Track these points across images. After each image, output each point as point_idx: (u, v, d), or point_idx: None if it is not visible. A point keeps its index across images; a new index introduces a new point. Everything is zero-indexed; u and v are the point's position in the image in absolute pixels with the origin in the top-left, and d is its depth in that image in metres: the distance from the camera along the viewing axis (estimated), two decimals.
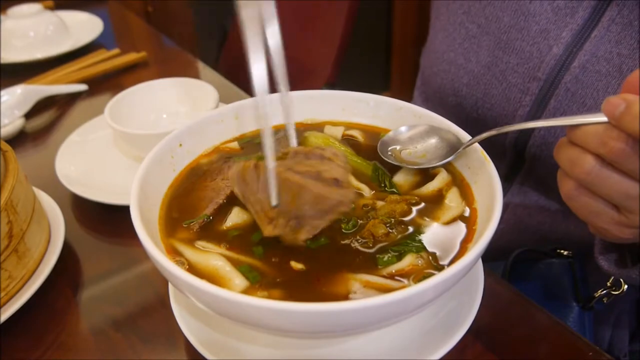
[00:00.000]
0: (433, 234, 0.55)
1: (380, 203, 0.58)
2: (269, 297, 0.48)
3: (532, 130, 0.75)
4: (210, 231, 0.57)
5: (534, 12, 0.73)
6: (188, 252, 0.54)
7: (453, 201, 0.59)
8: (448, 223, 0.56)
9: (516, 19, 0.75)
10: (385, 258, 0.52)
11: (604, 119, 0.45)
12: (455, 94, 0.83)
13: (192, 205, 0.60)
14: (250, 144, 0.69)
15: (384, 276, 0.50)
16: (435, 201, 0.59)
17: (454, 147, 0.59)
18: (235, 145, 0.69)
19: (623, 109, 0.43)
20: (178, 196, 0.62)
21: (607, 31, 0.68)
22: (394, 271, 0.51)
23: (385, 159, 0.61)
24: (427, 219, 0.57)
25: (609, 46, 0.68)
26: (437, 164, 0.59)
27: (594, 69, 0.69)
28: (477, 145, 0.58)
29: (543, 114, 0.74)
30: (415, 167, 0.61)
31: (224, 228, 0.57)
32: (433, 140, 0.62)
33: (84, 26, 1.49)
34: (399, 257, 0.52)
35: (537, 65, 0.73)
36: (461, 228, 0.56)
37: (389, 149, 0.63)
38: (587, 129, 0.46)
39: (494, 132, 0.55)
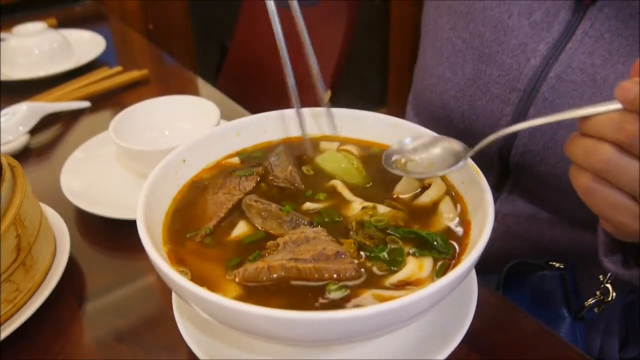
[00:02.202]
0: (428, 243, 0.57)
1: (381, 209, 0.61)
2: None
3: (514, 139, 0.79)
4: (213, 242, 0.59)
5: (513, 27, 0.77)
6: (191, 262, 0.56)
7: (446, 210, 0.61)
8: (442, 231, 0.59)
9: (497, 34, 0.79)
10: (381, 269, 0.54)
11: (617, 106, 0.44)
12: (443, 107, 0.87)
13: (195, 218, 0.62)
14: (250, 158, 0.72)
15: (385, 287, 0.53)
16: (430, 211, 0.62)
17: (458, 155, 0.60)
18: (236, 160, 0.72)
19: (637, 91, 0.42)
20: (181, 209, 0.64)
21: (580, 44, 0.72)
22: (395, 282, 0.53)
23: (391, 170, 0.62)
24: (422, 228, 0.59)
25: (583, 57, 0.71)
26: (444, 171, 0.60)
27: (569, 79, 0.72)
28: (468, 159, 0.61)
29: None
30: (421, 176, 0.62)
31: (230, 239, 0.59)
32: (437, 151, 0.62)
33: (87, 44, 1.52)
34: (395, 265, 0.55)
35: (517, 76, 0.77)
36: (455, 239, 0.58)
37: (393, 159, 0.64)
38: (600, 118, 0.45)
39: (494, 136, 0.55)
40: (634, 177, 0.45)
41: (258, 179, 0.68)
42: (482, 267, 0.68)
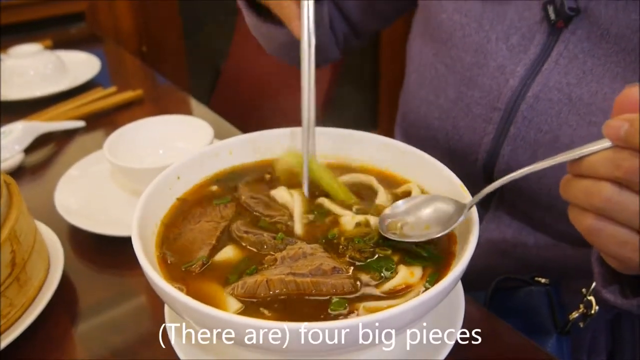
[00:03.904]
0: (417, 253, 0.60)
1: (372, 220, 0.63)
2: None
3: (497, 156, 0.81)
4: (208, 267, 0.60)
5: (492, 51, 0.81)
6: (187, 280, 0.57)
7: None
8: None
9: (477, 58, 0.82)
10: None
11: (608, 144, 0.45)
12: (428, 128, 0.90)
13: (185, 249, 0.62)
14: (226, 180, 0.73)
15: (379, 296, 0.54)
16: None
17: (455, 209, 0.60)
18: (214, 187, 0.72)
19: (627, 127, 0.43)
20: (170, 241, 0.63)
21: (556, 64, 0.75)
22: (388, 289, 0.55)
23: (387, 236, 0.61)
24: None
25: (559, 77, 0.75)
26: (445, 231, 0.59)
27: (547, 98, 0.76)
28: (456, 179, 0.63)
29: (505, 140, 0.80)
30: (420, 239, 0.60)
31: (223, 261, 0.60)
32: (431, 210, 0.62)
33: (82, 65, 1.54)
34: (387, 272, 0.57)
35: (497, 96, 0.80)
36: (442, 252, 0.60)
37: (388, 223, 0.63)
38: (594, 157, 0.46)
39: (492, 188, 0.56)
40: (635, 211, 0.45)
41: (235, 205, 0.68)
42: (470, 283, 0.70)
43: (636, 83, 0.45)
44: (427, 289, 0.54)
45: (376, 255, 0.59)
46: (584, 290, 0.72)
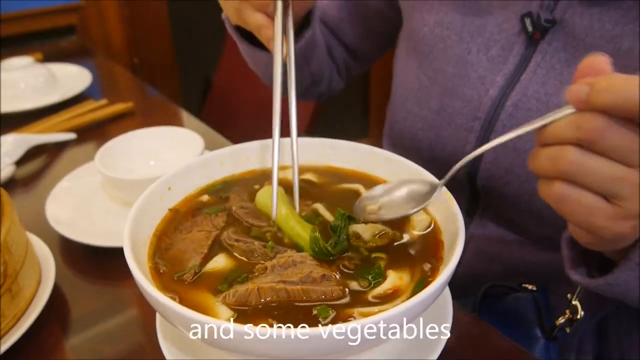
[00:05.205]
0: (402, 260, 0.61)
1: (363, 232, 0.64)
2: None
3: (479, 163, 0.83)
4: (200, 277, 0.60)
5: (472, 62, 0.83)
6: (178, 289, 0.57)
7: (416, 215, 0.65)
8: (420, 238, 0.63)
9: (458, 69, 0.85)
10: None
11: (569, 110, 0.46)
12: (412, 138, 0.92)
13: (176, 258, 0.62)
14: (217, 191, 0.73)
15: (369, 302, 0.55)
16: (402, 222, 0.66)
17: (427, 194, 0.62)
18: (205, 197, 0.73)
19: (588, 89, 0.44)
20: (162, 250, 0.63)
21: (534, 74, 0.78)
22: (377, 295, 0.56)
23: (361, 219, 0.63)
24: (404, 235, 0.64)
25: (537, 87, 0.77)
26: (415, 209, 0.61)
27: (525, 107, 0.78)
28: (435, 179, 0.65)
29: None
30: (395, 216, 0.63)
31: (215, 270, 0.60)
32: (406, 191, 0.64)
33: (74, 78, 1.55)
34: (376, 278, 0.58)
35: (478, 106, 0.82)
36: (429, 257, 0.61)
37: (365, 205, 0.65)
38: (558, 123, 0.46)
39: (461, 163, 0.58)
40: (602, 175, 0.45)
41: (226, 214, 0.69)
42: (459, 290, 0.72)
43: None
44: (416, 292, 0.55)
45: (366, 263, 0.60)
46: (569, 295, 0.73)
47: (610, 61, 0.45)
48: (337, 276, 0.58)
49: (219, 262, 0.61)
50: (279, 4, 0.69)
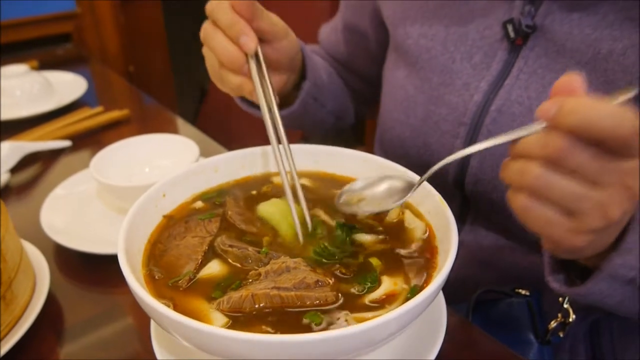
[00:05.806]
0: (397, 266, 0.61)
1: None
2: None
3: (467, 169, 0.84)
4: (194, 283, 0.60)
5: (457, 70, 0.85)
6: (173, 296, 0.58)
7: (412, 222, 0.66)
8: (414, 244, 0.64)
9: (443, 77, 0.86)
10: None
11: (542, 125, 0.47)
12: (401, 146, 0.94)
13: (171, 265, 0.62)
14: (212, 197, 0.74)
15: (364, 307, 0.56)
16: (397, 229, 0.67)
17: (407, 189, 0.64)
18: (199, 204, 0.73)
19: (556, 108, 0.45)
20: (157, 257, 0.64)
21: (517, 79, 0.79)
22: (373, 300, 0.56)
23: (343, 210, 0.67)
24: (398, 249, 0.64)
25: (520, 92, 0.78)
26: (395, 204, 0.64)
27: (509, 112, 0.79)
28: (435, 192, 0.65)
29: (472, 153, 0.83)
30: (375, 210, 0.65)
31: (209, 276, 0.61)
32: (386, 186, 0.67)
33: (69, 85, 1.56)
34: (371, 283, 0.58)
35: (463, 112, 0.84)
36: (423, 264, 0.62)
37: (344, 199, 0.68)
38: (528, 139, 0.48)
39: (437, 167, 0.59)
40: (563, 192, 0.47)
41: (220, 220, 0.69)
42: (452, 296, 0.72)
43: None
44: (410, 297, 0.55)
45: (362, 268, 0.61)
46: (560, 299, 0.74)
47: (584, 80, 0.47)
48: (331, 281, 0.58)
49: (213, 268, 0.61)
50: (252, 63, 0.72)
